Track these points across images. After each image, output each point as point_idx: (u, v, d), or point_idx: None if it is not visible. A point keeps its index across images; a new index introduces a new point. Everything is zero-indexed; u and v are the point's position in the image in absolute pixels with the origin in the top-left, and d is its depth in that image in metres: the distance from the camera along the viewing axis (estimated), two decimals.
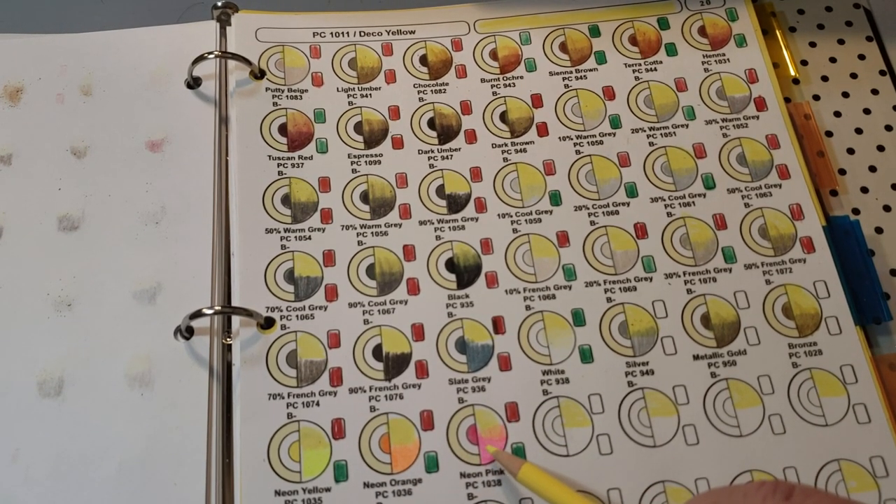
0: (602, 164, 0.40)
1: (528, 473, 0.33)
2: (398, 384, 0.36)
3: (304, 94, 0.42)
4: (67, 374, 0.36)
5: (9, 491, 0.34)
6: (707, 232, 0.39)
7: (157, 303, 0.37)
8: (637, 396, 0.35)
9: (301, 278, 0.38)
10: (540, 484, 0.32)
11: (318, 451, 0.34)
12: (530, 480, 0.32)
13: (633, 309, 0.37)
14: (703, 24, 0.44)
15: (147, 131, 0.41)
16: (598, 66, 0.43)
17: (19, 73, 0.43)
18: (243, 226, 0.39)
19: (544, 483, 0.32)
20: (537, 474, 0.33)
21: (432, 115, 0.42)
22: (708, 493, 0.27)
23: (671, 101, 0.42)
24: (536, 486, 0.32)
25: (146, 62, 0.43)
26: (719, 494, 0.26)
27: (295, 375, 0.36)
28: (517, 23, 0.44)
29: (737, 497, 0.25)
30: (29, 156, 0.41)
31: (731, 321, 0.37)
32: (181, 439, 0.34)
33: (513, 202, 0.40)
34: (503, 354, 0.36)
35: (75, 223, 0.39)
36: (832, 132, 0.42)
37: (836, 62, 0.44)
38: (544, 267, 0.38)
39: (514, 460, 0.33)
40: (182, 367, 0.36)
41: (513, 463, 0.33)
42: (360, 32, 0.44)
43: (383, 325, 0.37)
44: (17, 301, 0.37)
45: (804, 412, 0.35)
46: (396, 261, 0.38)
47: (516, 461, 0.33)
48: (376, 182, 0.40)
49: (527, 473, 0.33)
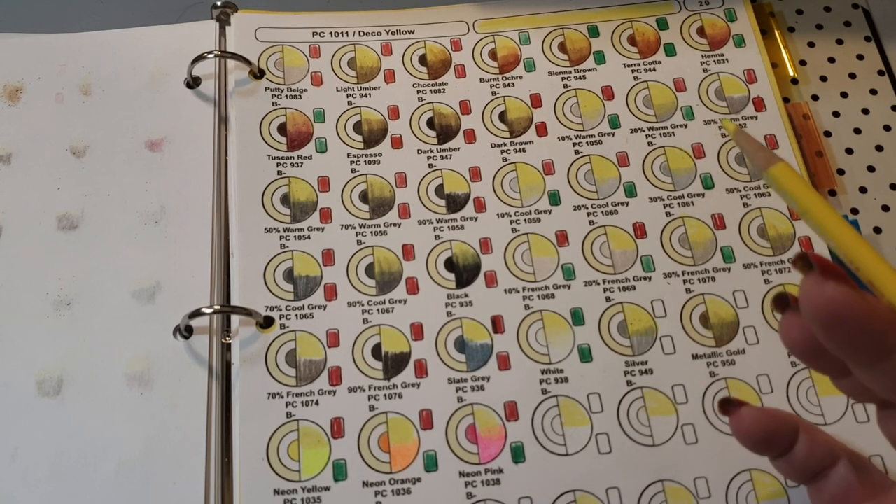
0: (601, 163, 0.41)
1: (783, 173, 0.25)
2: (397, 383, 0.36)
3: (304, 94, 0.42)
4: (66, 373, 0.36)
5: (8, 491, 0.34)
6: (706, 231, 0.39)
7: (157, 302, 0.37)
8: (636, 396, 0.35)
9: (300, 278, 0.38)
10: (794, 185, 0.24)
11: (318, 451, 0.34)
12: (783, 179, 0.25)
13: (632, 308, 0.37)
14: (702, 24, 0.44)
15: (146, 131, 0.41)
16: (597, 67, 0.43)
17: (19, 73, 0.43)
18: (242, 225, 0.39)
19: (797, 185, 0.24)
20: (791, 174, 0.25)
21: (431, 115, 0.42)
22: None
23: (670, 102, 0.42)
24: (788, 185, 0.25)
25: (145, 62, 0.43)
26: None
27: (294, 375, 0.36)
28: (516, 23, 0.44)
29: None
30: (28, 155, 0.41)
31: (730, 321, 0.37)
32: (180, 439, 0.34)
33: (512, 202, 0.40)
34: (502, 354, 0.36)
35: (74, 222, 0.39)
36: (831, 132, 0.42)
37: (834, 62, 0.44)
38: (543, 266, 0.38)
39: (765, 150, 0.25)
40: (181, 367, 0.36)
41: (762, 154, 0.25)
42: (360, 32, 0.44)
43: (382, 324, 0.37)
44: (17, 300, 0.37)
45: (803, 411, 0.35)
46: (396, 260, 0.38)
47: (769, 154, 0.25)
48: (375, 182, 0.40)
49: (782, 172, 0.25)
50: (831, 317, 0.22)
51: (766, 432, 0.27)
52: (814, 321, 0.23)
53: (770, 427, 0.28)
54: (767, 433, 0.28)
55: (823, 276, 0.22)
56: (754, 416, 0.28)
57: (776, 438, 0.28)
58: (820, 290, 0.22)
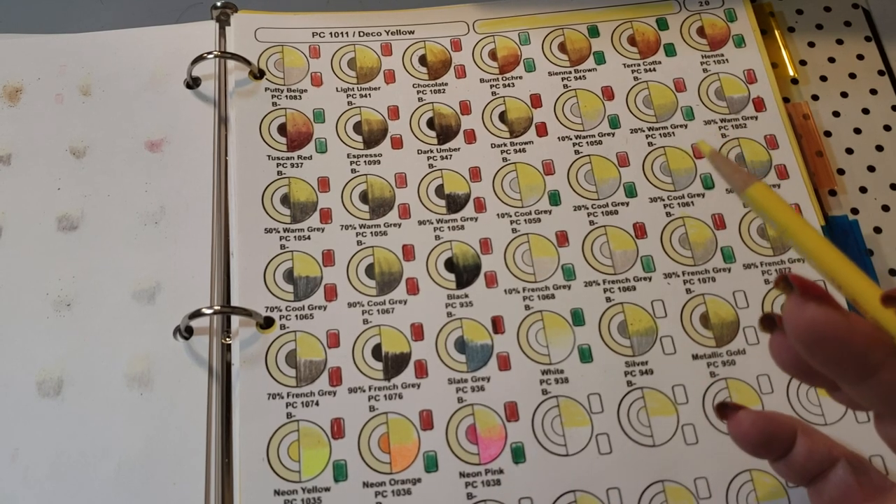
0: (601, 164, 0.41)
1: (761, 193, 0.25)
2: (397, 384, 0.36)
3: (304, 94, 0.42)
4: (66, 373, 0.36)
5: (8, 491, 0.34)
6: (706, 232, 0.39)
7: (157, 303, 0.37)
8: (636, 396, 0.35)
9: (300, 278, 0.38)
10: (770, 203, 0.25)
11: (318, 451, 0.34)
12: (760, 199, 0.25)
13: (633, 308, 0.37)
14: (702, 24, 0.44)
15: (146, 131, 0.41)
16: (597, 67, 0.43)
17: (18, 73, 0.43)
18: (242, 226, 0.39)
19: (775, 204, 0.25)
20: (768, 194, 0.25)
21: (431, 115, 0.42)
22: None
23: (670, 102, 0.42)
24: (766, 205, 0.25)
25: (145, 62, 0.43)
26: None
27: (294, 375, 0.36)
28: (516, 23, 0.44)
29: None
30: (28, 156, 0.41)
31: (730, 321, 0.37)
32: (180, 439, 0.34)
33: (512, 202, 0.40)
34: (502, 354, 0.36)
35: (74, 223, 0.39)
36: (831, 132, 0.42)
37: (834, 62, 0.44)
38: (543, 267, 0.38)
39: (740, 172, 0.25)
40: (181, 367, 0.36)
41: (738, 176, 0.25)
42: (360, 32, 0.44)
43: (382, 324, 0.37)
44: (17, 301, 0.37)
45: (804, 411, 0.35)
46: (396, 260, 0.38)
47: (745, 175, 0.25)
48: (375, 182, 0.40)
49: (759, 192, 0.25)
50: (813, 338, 0.23)
51: (763, 435, 0.28)
52: (797, 342, 0.23)
53: (767, 430, 0.28)
54: (765, 436, 0.28)
55: (804, 297, 0.23)
56: (751, 420, 0.28)
57: (774, 441, 0.28)
58: (801, 312, 0.23)
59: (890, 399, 0.24)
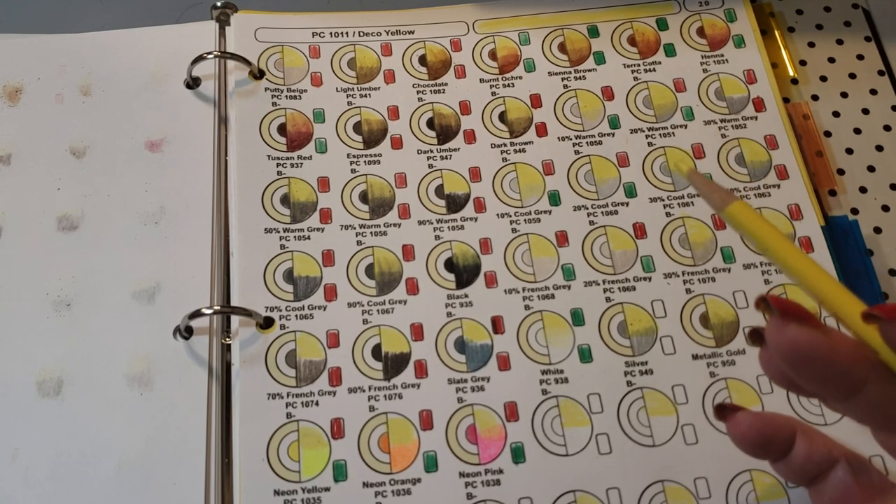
0: (601, 164, 0.41)
1: (740, 211, 0.25)
2: (397, 384, 0.36)
3: (304, 94, 0.42)
4: (66, 373, 0.36)
5: (8, 491, 0.34)
6: (706, 232, 0.39)
7: (157, 303, 0.37)
8: (636, 396, 0.35)
9: (300, 278, 0.38)
10: (750, 221, 0.25)
11: (318, 451, 0.34)
12: (740, 217, 0.25)
13: (632, 309, 0.37)
14: (702, 24, 0.44)
15: (146, 131, 0.41)
16: (596, 67, 0.43)
17: (18, 73, 0.43)
18: (242, 226, 0.39)
19: (754, 222, 0.25)
20: (747, 212, 0.25)
21: (431, 115, 0.42)
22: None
23: (670, 102, 0.42)
24: (745, 223, 0.25)
25: (145, 62, 0.43)
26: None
27: (294, 375, 0.36)
28: (516, 23, 0.44)
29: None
30: (28, 156, 0.41)
31: (729, 321, 0.37)
32: (180, 439, 0.34)
33: (512, 202, 0.40)
34: (502, 354, 0.36)
35: (74, 223, 0.39)
36: (831, 132, 0.42)
37: (834, 62, 0.44)
38: (543, 267, 0.38)
39: (720, 190, 0.26)
40: (181, 367, 0.36)
41: (717, 195, 0.25)
42: (360, 32, 0.44)
43: (382, 324, 0.37)
44: (17, 301, 0.37)
45: (803, 412, 0.35)
46: (395, 261, 0.38)
47: (724, 193, 0.25)
48: (375, 182, 0.40)
49: (739, 211, 0.25)
50: (797, 358, 0.23)
51: (762, 437, 0.28)
52: (782, 362, 0.23)
53: (766, 431, 0.28)
54: (763, 438, 0.28)
55: (784, 318, 0.23)
56: (750, 421, 0.28)
57: (773, 443, 0.28)
58: (782, 334, 0.23)
59: (878, 415, 0.24)
